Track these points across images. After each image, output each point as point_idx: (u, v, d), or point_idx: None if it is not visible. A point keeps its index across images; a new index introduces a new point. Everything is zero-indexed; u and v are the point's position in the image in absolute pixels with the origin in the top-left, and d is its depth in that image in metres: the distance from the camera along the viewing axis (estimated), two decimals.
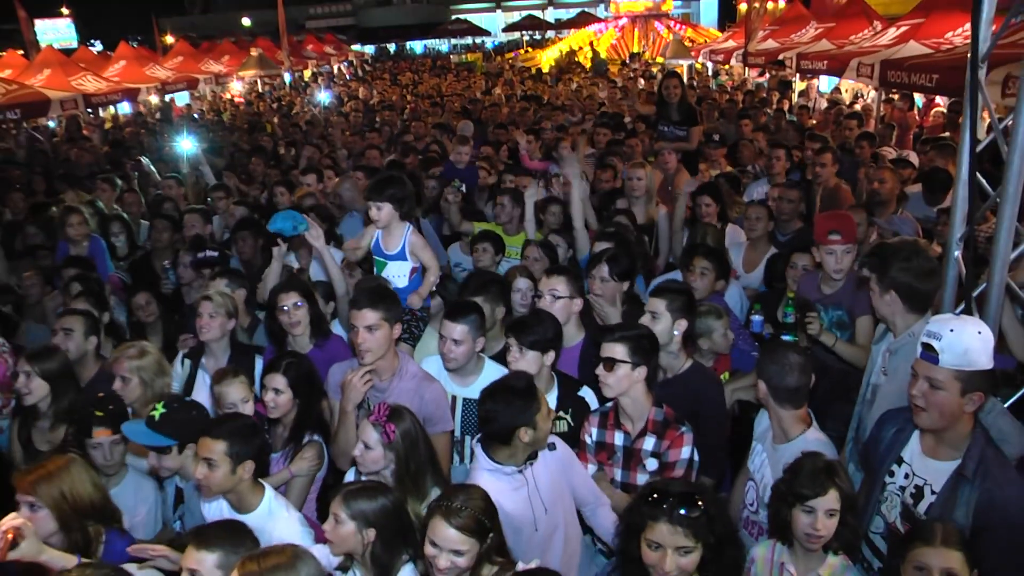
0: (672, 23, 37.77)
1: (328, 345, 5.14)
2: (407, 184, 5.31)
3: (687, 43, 29.59)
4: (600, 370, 3.94)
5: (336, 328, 5.42)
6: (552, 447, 3.67)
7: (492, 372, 4.54)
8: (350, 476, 4.00)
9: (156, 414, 3.91)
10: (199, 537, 3.03)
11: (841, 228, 5.02)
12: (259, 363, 5.09)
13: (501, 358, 4.69)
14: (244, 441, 3.61)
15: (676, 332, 4.41)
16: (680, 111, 10.04)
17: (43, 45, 24.87)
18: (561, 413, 4.34)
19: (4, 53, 23.93)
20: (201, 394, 4.88)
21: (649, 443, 3.92)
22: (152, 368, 4.71)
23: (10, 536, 2.88)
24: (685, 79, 16.62)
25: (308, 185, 8.27)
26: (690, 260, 5.54)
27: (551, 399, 4.26)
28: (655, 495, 2.86)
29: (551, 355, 4.28)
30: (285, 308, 5.00)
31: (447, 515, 2.99)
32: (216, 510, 3.71)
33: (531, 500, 3.57)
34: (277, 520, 3.65)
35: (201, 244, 6.98)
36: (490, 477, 3.53)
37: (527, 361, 4.20)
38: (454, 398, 4.48)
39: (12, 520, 2.95)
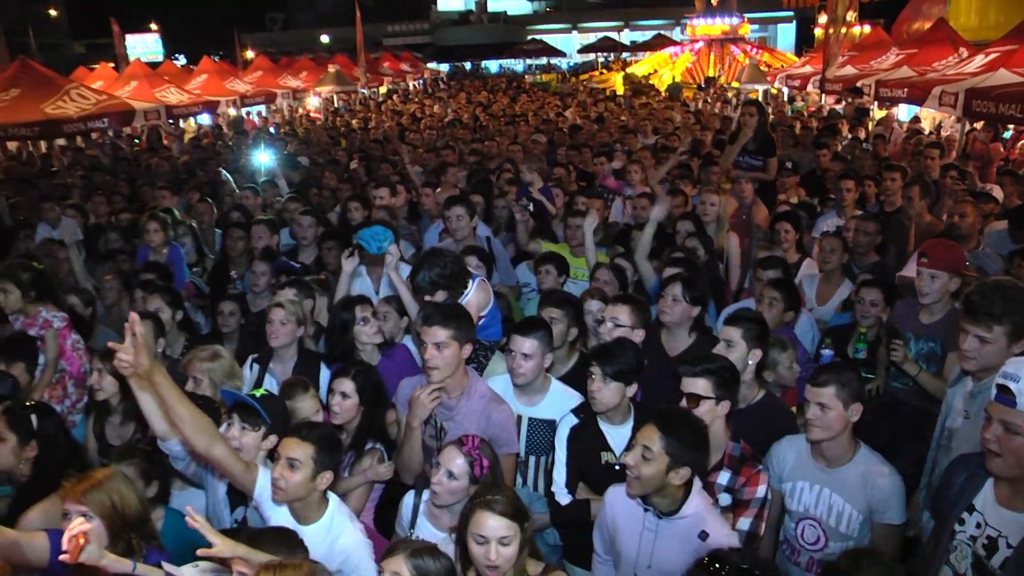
0: (748, 47, 37.35)
1: (395, 355, 5.18)
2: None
3: (763, 68, 29.21)
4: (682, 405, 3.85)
5: (410, 344, 5.44)
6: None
7: (559, 393, 4.52)
8: (409, 498, 4.01)
9: (257, 393, 4.01)
10: (253, 541, 3.07)
11: (930, 252, 4.89)
12: (324, 371, 5.15)
13: (568, 379, 4.67)
14: (330, 451, 3.63)
15: (751, 362, 4.33)
16: (757, 140, 9.89)
17: (132, 59, 25.63)
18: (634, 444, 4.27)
19: (97, 66, 24.76)
20: None
21: (724, 478, 3.82)
22: (223, 371, 4.79)
23: (82, 540, 2.92)
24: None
25: (380, 199, 8.34)
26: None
27: (626, 430, 4.18)
28: (717, 565, 2.75)
29: (633, 387, 4.18)
30: (362, 319, 5.08)
31: (487, 506, 3.10)
32: (283, 517, 3.69)
33: (641, 546, 3.52)
34: (341, 532, 3.65)
35: (273, 254, 7.10)
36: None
37: (609, 391, 4.10)
38: (519, 418, 4.44)
39: (81, 525, 2.99)
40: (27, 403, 4.26)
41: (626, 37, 55.16)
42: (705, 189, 8.00)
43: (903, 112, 18.45)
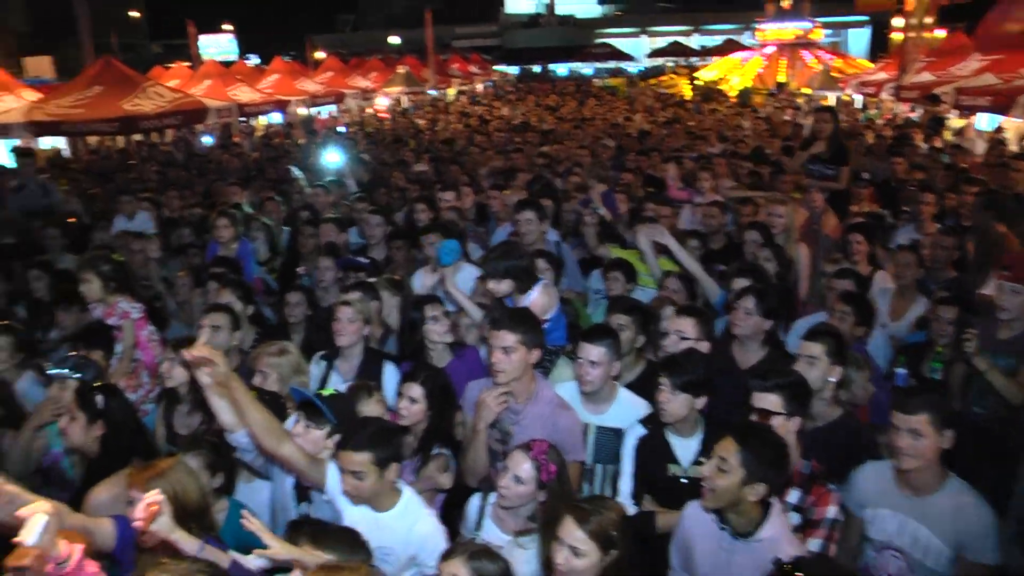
0: (820, 52, 36.64)
1: (466, 356, 5.19)
2: (524, 256, 5.19)
3: (835, 74, 28.65)
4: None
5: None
6: None
7: (626, 401, 4.46)
8: (475, 500, 4.02)
9: (324, 393, 4.07)
10: (317, 537, 3.10)
11: (1012, 267, 4.78)
12: (388, 370, 5.17)
13: (634, 387, 4.62)
14: (387, 446, 3.64)
15: (831, 379, 4.22)
16: (830, 148, 9.68)
17: (206, 58, 26.20)
18: (703, 459, 4.19)
19: (173, 65, 25.35)
20: None
21: (793, 496, 3.72)
22: (291, 366, 4.84)
23: (154, 509, 2.98)
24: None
25: (447, 201, 8.37)
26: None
27: (695, 444, 4.13)
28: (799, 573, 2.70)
29: (702, 400, 4.10)
30: (432, 318, 5.10)
31: (575, 513, 3.12)
32: (358, 508, 3.73)
33: (716, 566, 3.45)
34: (417, 518, 3.70)
35: (337, 250, 7.16)
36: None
37: (678, 402, 4.05)
38: (586, 425, 4.40)
39: (155, 495, 3.04)
40: (95, 384, 4.37)
41: (695, 41, 54.63)
42: (772, 199, 7.86)
43: (983, 121, 17.82)
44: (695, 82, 35.80)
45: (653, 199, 8.43)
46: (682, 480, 4.03)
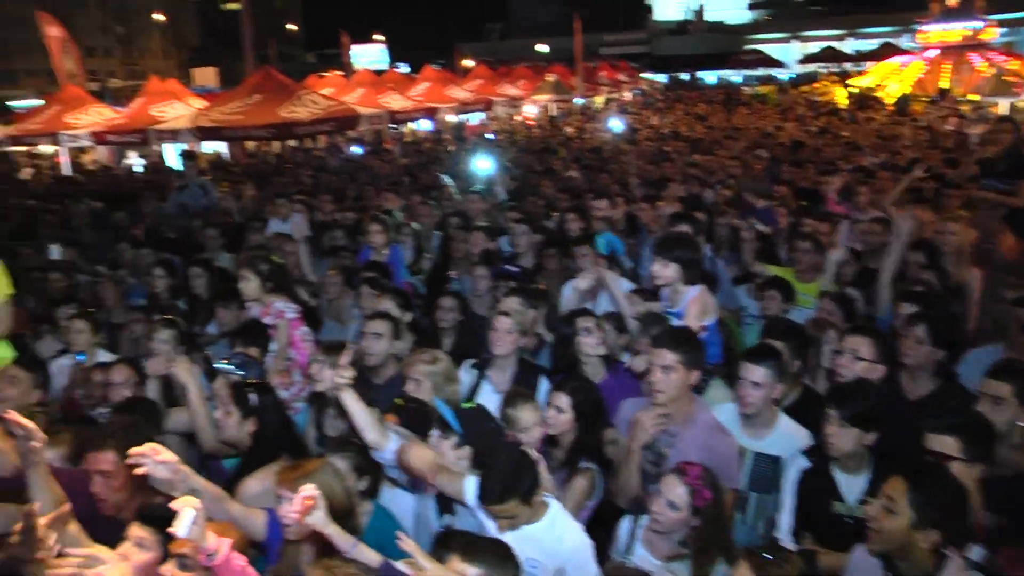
0: (992, 54, 34.15)
1: (620, 372, 5.07)
2: (697, 248, 5.11)
3: (1009, 78, 26.65)
4: None
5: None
6: None
7: (787, 428, 4.27)
8: (626, 523, 3.90)
9: (466, 405, 4.09)
10: (466, 550, 3.06)
11: None
12: (543, 384, 5.08)
13: (790, 414, 4.40)
14: (525, 482, 3.55)
15: (1021, 424, 3.88)
16: (1007, 161, 9.07)
17: (356, 67, 26.95)
18: (870, 499, 3.93)
19: (328, 74, 26.22)
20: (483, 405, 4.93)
21: (975, 553, 3.31)
22: (443, 375, 4.83)
23: (309, 503, 3.03)
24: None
25: (599, 210, 8.27)
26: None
27: (862, 481, 3.87)
28: None
29: (872, 435, 3.82)
30: (584, 329, 5.01)
31: (752, 561, 3.02)
32: None
33: None
34: (565, 531, 3.64)
35: (493, 258, 7.17)
36: None
37: (846, 436, 3.79)
38: (743, 451, 4.23)
39: (311, 489, 3.09)
40: (249, 382, 4.50)
41: (849, 46, 52.80)
42: (944, 216, 7.41)
43: None
44: (849, 89, 34.35)
45: (811, 214, 8.11)
46: (847, 520, 3.79)
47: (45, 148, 22.39)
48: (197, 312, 7.24)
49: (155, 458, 3.12)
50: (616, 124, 21.65)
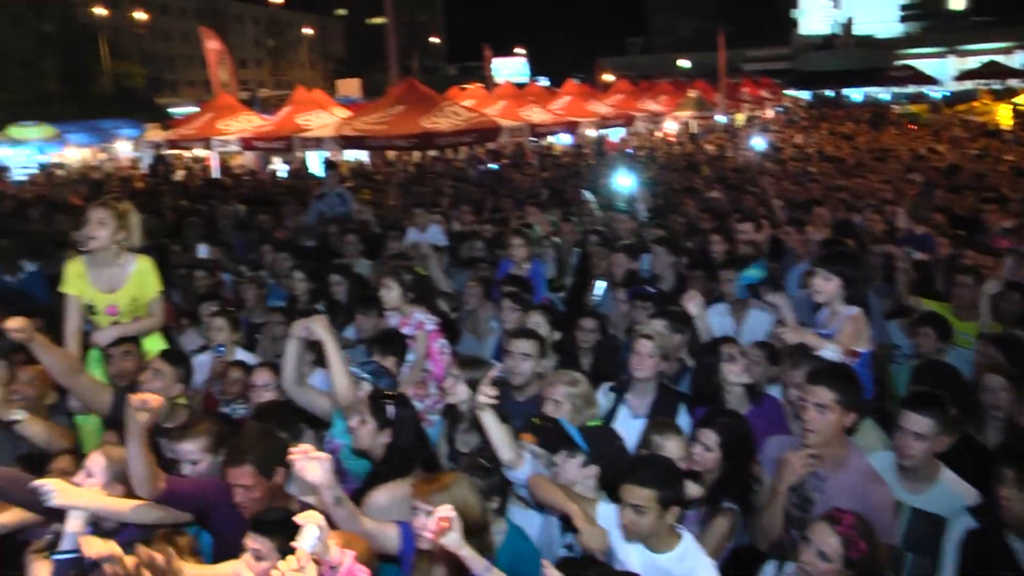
0: None
1: (766, 405, 4.84)
2: (861, 267, 4.86)
3: None
4: None
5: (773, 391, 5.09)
6: None
7: (951, 483, 3.93)
8: (770, 570, 3.70)
9: (591, 424, 3.97)
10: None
11: None
12: (682, 412, 4.90)
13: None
14: (671, 487, 3.49)
15: None
16: None
17: (497, 80, 27.17)
18: None
19: (470, 86, 26.52)
20: (620, 429, 4.77)
21: None
22: (583, 397, 4.70)
23: (445, 524, 2.99)
24: None
25: (744, 233, 7.98)
26: None
27: None
28: None
29: None
30: (728, 356, 4.82)
31: None
32: (633, 547, 3.57)
33: None
34: (696, 565, 3.51)
35: (634, 279, 7.00)
36: None
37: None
38: (899, 505, 3.92)
39: (447, 510, 3.05)
40: (387, 393, 4.46)
41: (1017, 60, 49.79)
42: None
43: None
44: (1017, 107, 32.27)
45: (972, 244, 7.62)
46: None
47: (198, 152, 23.45)
48: (336, 316, 7.34)
49: (310, 456, 3.18)
50: (759, 143, 21.11)
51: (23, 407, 4.77)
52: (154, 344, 5.50)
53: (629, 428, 4.62)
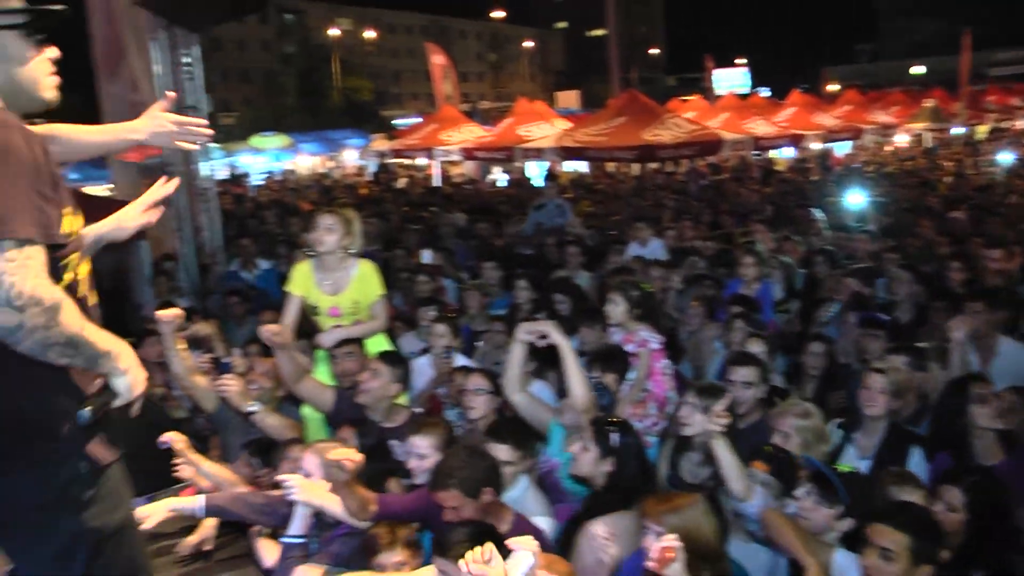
0: None
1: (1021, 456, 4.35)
2: None
3: None
4: None
5: None
6: None
7: None
8: None
9: (843, 469, 3.70)
10: None
11: None
12: (915, 456, 4.48)
13: None
14: (929, 539, 3.18)
15: None
16: None
17: (717, 91, 26.57)
18: None
19: (691, 97, 26.05)
20: None
21: None
22: (814, 432, 4.44)
23: (669, 554, 2.88)
24: None
25: (993, 260, 7.32)
26: None
27: None
28: None
29: None
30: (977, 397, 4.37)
31: None
32: None
33: None
34: None
35: (864, 303, 6.58)
36: None
37: None
38: None
39: (673, 540, 2.94)
40: (611, 420, 4.31)
41: None
42: None
43: None
44: None
45: None
46: None
47: (420, 161, 24.35)
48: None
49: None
50: (1006, 157, 19.49)
51: (258, 397, 5.04)
52: (379, 346, 5.64)
53: None
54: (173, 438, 4.56)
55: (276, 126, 34.57)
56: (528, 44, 77.40)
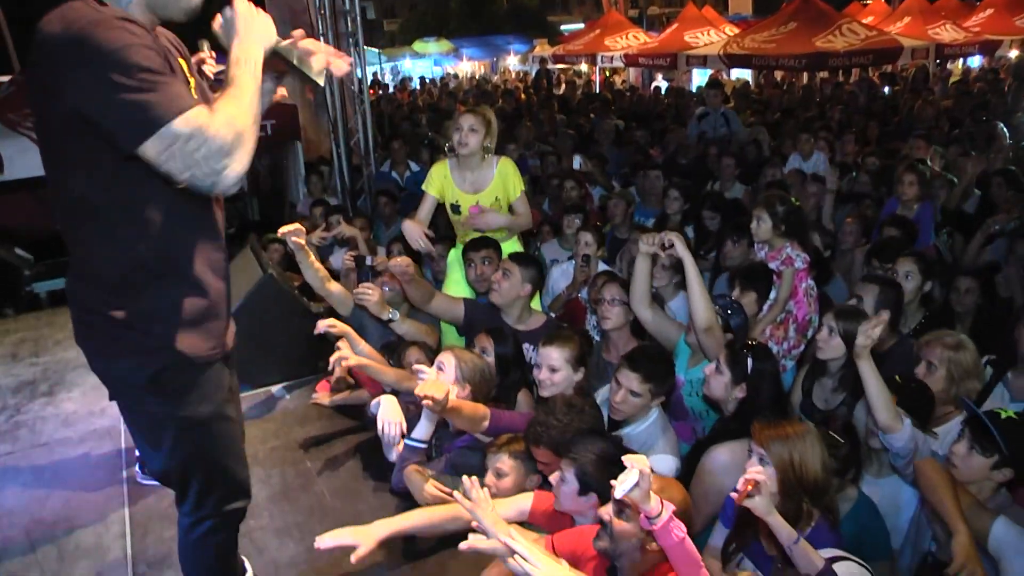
0: None
1: None
2: None
3: None
4: None
5: None
6: None
7: None
8: None
9: (1003, 414, 3.31)
10: None
11: None
12: None
13: None
14: None
15: None
16: None
17: None
18: None
19: (871, 1, 23.92)
20: None
21: None
22: (964, 367, 4.03)
23: (749, 487, 2.81)
24: None
25: None
26: None
27: None
28: None
29: None
30: None
31: None
32: None
33: None
34: None
35: None
36: None
37: None
38: None
39: (756, 472, 2.87)
40: (747, 343, 4.09)
41: None
42: None
43: None
44: None
45: None
46: None
47: (583, 68, 23.91)
48: (704, 241, 7.08)
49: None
50: None
51: (391, 299, 5.17)
52: (513, 249, 5.63)
53: None
54: (328, 324, 4.66)
55: (439, 31, 34.61)
56: None
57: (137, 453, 4.46)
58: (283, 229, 5.07)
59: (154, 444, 2.72)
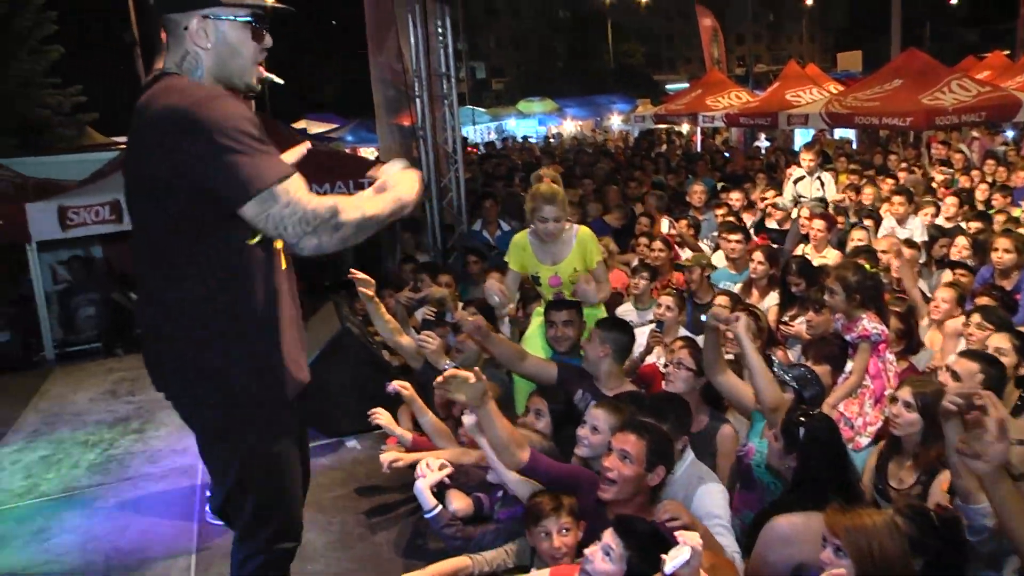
0: None
1: None
2: None
3: None
4: None
5: None
6: None
7: None
8: None
9: None
10: None
11: None
12: None
13: None
14: None
15: None
16: None
17: None
18: None
19: (989, 54, 22.73)
20: None
21: None
22: None
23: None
24: None
25: None
26: None
27: None
28: None
29: None
30: None
31: None
32: None
33: None
34: None
35: None
36: None
37: None
38: None
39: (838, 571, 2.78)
40: (803, 412, 3.97)
41: None
42: None
43: None
44: None
45: None
46: None
47: (685, 127, 23.87)
48: (788, 307, 6.91)
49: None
50: None
51: (461, 359, 5.25)
52: (598, 314, 5.67)
53: None
54: (400, 385, 4.76)
55: (544, 91, 35.09)
56: (808, 1, 73.10)
57: (208, 492, 4.66)
58: (356, 275, 5.21)
59: (221, 475, 2.97)
